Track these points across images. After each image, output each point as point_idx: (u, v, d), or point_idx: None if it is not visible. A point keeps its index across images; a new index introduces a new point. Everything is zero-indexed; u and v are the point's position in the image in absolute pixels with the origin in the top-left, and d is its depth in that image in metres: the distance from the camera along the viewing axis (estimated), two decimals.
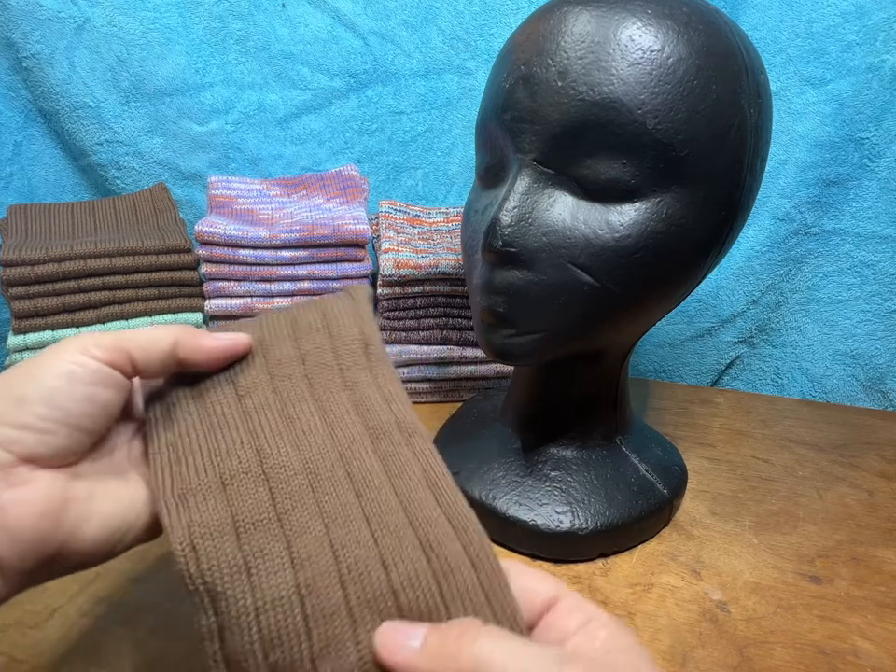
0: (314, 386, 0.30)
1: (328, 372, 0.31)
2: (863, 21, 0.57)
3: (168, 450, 0.28)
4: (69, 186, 0.72)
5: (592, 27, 0.33)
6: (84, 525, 0.25)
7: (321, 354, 0.31)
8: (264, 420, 0.28)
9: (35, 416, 0.24)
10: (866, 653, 0.35)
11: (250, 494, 0.25)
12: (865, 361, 0.65)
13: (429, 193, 0.76)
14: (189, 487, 0.26)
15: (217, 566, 0.23)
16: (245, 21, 0.69)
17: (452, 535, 0.24)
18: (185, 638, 0.34)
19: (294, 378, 0.30)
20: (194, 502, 0.25)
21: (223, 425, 0.28)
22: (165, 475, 0.26)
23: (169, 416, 0.29)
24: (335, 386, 0.30)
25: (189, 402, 0.29)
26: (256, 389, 0.30)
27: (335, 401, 0.30)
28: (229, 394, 0.30)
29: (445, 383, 0.61)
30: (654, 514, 0.43)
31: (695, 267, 0.37)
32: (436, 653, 0.20)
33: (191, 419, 0.29)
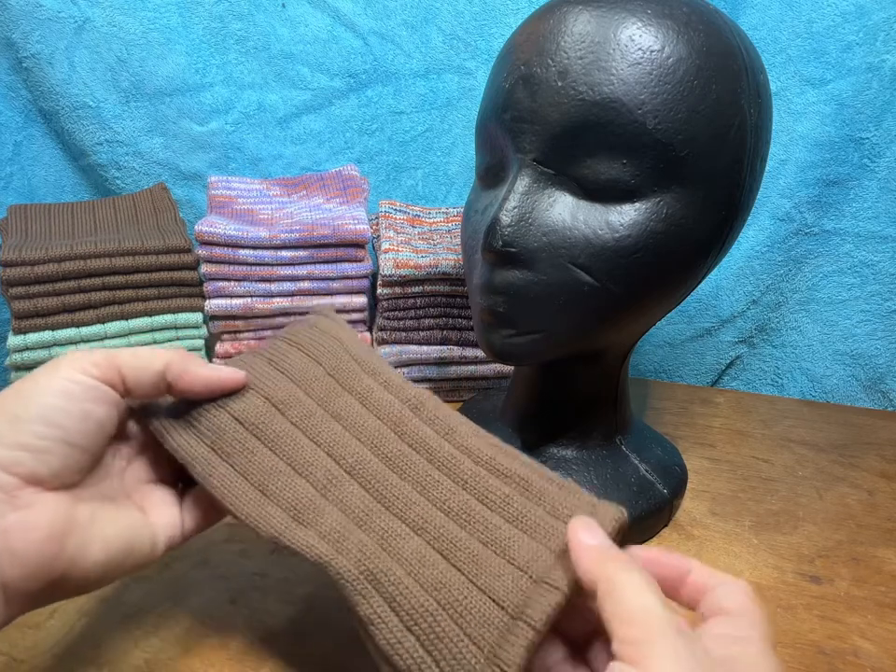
0: (340, 380, 0.32)
1: (347, 364, 0.32)
2: (863, 21, 0.57)
3: (244, 479, 0.28)
4: (69, 186, 0.72)
5: (592, 27, 0.33)
6: (87, 549, 0.25)
7: (334, 353, 0.33)
8: (317, 425, 0.30)
9: (32, 435, 0.24)
10: (866, 653, 0.35)
11: (348, 494, 0.28)
12: (865, 361, 0.65)
13: (429, 193, 0.76)
14: (295, 506, 0.27)
15: (360, 562, 0.25)
16: (245, 21, 0.69)
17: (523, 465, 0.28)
18: (185, 638, 0.34)
19: (320, 379, 0.32)
20: (312, 516, 0.27)
21: (285, 442, 0.29)
22: (262, 505, 0.27)
23: (218, 449, 0.29)
24: (360, 374, 0.32)
25: (231, 428, 0.29)
26: (291, 400, 0.30)
27: (366, 386, 0.32)
28: (269, 411, 0.30)
29: (445, 383, 0.61)
30: (654, 514, 0.43)
31: (695, 267, 0.37)
32: (594, 555, 0.23)
33: (249, 444, 0.29)
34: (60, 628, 0.35)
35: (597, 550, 0.23)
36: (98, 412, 0.26)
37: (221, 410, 0.30)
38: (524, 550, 0.25)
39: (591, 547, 0.23)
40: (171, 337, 0.57)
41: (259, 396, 0.30)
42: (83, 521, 0.25)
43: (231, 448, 0.29)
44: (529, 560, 0.25)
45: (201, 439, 0.29)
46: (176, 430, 0.29)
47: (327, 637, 0.35)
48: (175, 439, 0.29)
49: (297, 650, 0.34)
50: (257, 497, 0.27)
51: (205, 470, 0.28)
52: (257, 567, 0.39)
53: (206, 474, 0.28)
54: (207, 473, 0.28)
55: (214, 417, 0.30)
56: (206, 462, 0.28)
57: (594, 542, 0.23)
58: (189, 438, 0.29)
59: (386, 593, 0.24)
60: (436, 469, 0.28)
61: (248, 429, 0.29)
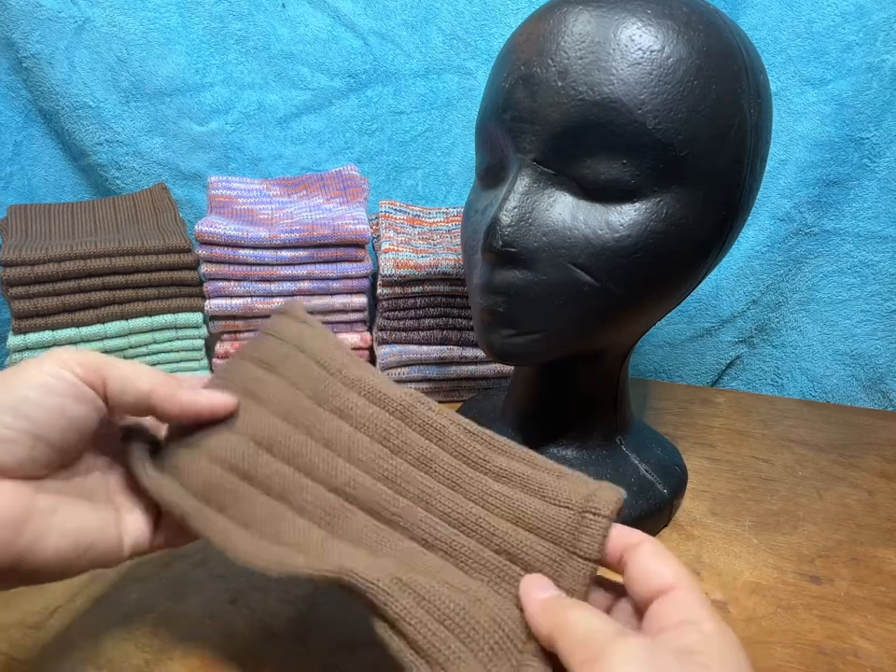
0: (322, 402, 0.31)
1: (324, 382, 0.31)
2: (863, 21, 0.57)
3: (245, 530, 0.27)
4: (69, 186, 0.72)
5: (592, 27, 0.33)
6: (43, 539, 0.25)
7: (308, 371, 0.32)
8: (308, 457, 0.29)
9: (2, 425, 0.24)
10: (866, 653, 0.35)
11: (355, 524, 0.27)
12: (865, 361, 0.65)
13: (429, 193, 0.76)
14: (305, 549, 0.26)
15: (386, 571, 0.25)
16: (245, 21, 0.69)
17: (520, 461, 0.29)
18: (185, 638, 0.34)
19: (301, 404, 0.31)
20: (337, 552, 0.26)
21: (279, 484, 0.28)
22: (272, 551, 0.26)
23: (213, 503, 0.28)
24: (340, 389, 0.31)
25: (222, 478, 0.28)
26: (277, 436, 0.30)
27: (350, 402, 0.30)
28: (256, 453, 0.29)
29: (445, 383, 0.61)
30: (654, 514, 0.43)
31: (695, 267, 0.37)
32: (545, 609, 0.24)
33: (243, 491, 0.28)
34: (60, 628, 0.35)
35: (547, 602, 0.24)
36: (74, 409, 0.26)
37: (210, 459, 0.29)
38: (533, 552, 0.26)
39: (542, 601, 0.24)
40: (171, 337, 0.57)
41: (245, 437, 0.29)
42: (43, 510, 0.25)
43: (225, 499, 0.28)
44: (536, 561, 0.26)
45: (189, 491, 0.28)
46: (166, 486, 0.28)
47: (327, 637, 0.35)
48: (166, 496, 0.28)
49: (297, 650, 0.34)
50: (262, 544, 0.27)
51: (203, 526, 0.27)
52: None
53: (205, 529, 0.27)
54: (205, 528, 0.27)
55: (203, 468, 0.28)
56: (202, 517, 0.28)
57: (544, 596, 0.24)
58: (181, 493, 0.28)
59: (415, 593, 0.24)
60: (436, 481, 0.28)
61: (240, 476, 0.28)
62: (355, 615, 0.36)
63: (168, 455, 0.29)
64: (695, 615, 0.22)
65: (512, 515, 0.27)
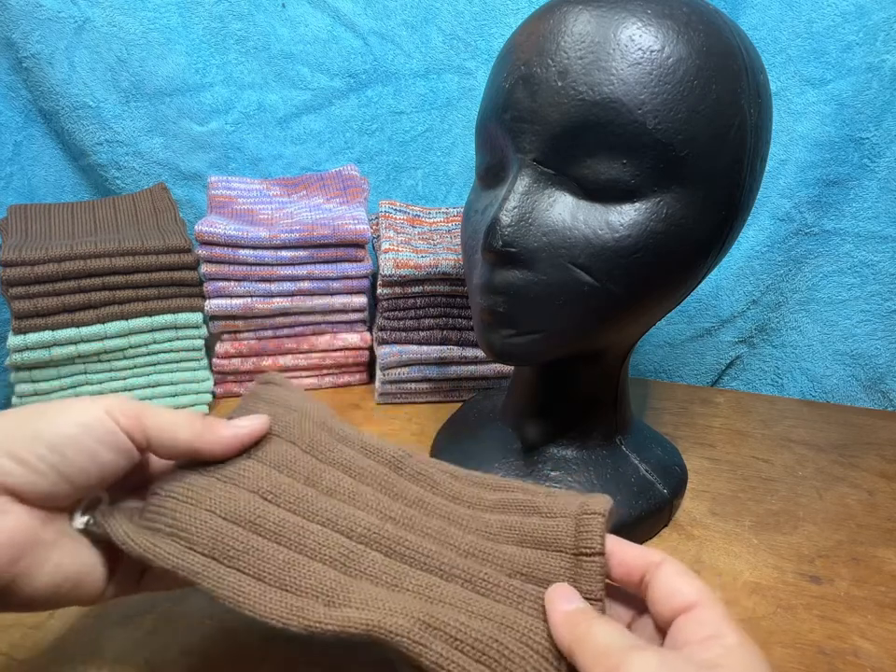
0: (319, 456, 0.31)
1: (319, 437, 0.32)
2: (863, 21, 0.57)
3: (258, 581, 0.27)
4: (69, 186, 0.72)
5: (592, 27, 0.33)
6: (39, 568, 0.25)
7: (301, 428, 0.32)
8: (313, 505, 0.29)
9: (36, 456, 0.25)
10: (866, 653, 0.35)
11: (371, 563, 0.27)
12: (865, 361, 0.65)
13: (429, 193, 0.76)
14: (322, 591, 0.26)
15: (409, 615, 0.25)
16: (245, 21, 0.69)
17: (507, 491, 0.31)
18: (185, 638, 0.34)
19: (299, 459, 0.31)
20: (344, 596, 0.26)
21: (288, 531, 0.28)
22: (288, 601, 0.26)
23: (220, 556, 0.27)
24: (335, 444, 0.32)
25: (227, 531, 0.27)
26: (279, 488, 0.29)
27: (346, 456, 0.31)
28: (260, 504, 0.29)
29: (445, 383, 0.61)
30: (654, 514, 0.43)
31: (695, 267, 0.37)
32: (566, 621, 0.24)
33: (251, 543, 0.27)
34: (60, 628, 0.35)
35: (570, 615, 0.24)
36: (107, 456, 0.27)
37: (210, 514, 0.28)
38: (544, 567, 0.27)
39: (565, 612, 0.24)
40: (171, 337, 0.57)
41: (245, 490, 0.29)
42: (45, 542, 0.26)
43: (233, 552, 0.27)
44: (550, 574, 0.27)
45: (194, 549, 0.27)
46: (165, 548, 0.27)
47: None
48: (168, 558, 0.27)
49: (297, 650, 0.34)
50: (279, 596, 0.26)
51: (215, 584, 0.26)
52: None
53: (216, 587, 0.26)
54: (217, 586, 0.26)
55: (204, 523, 0.27)
56: (211, 573, 0.26)
57: (568, 608, 0.25)
58: (184, 553, 0.27)
59: (446, 635, 0.24)
60: (437, 519, 0.29)
61: (246, 528, 0.28)
62: None
63: (162, 515, 0.28)
64: (718, 630, 0.22)
65: (516, 538, 0.28)
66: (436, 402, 0.62)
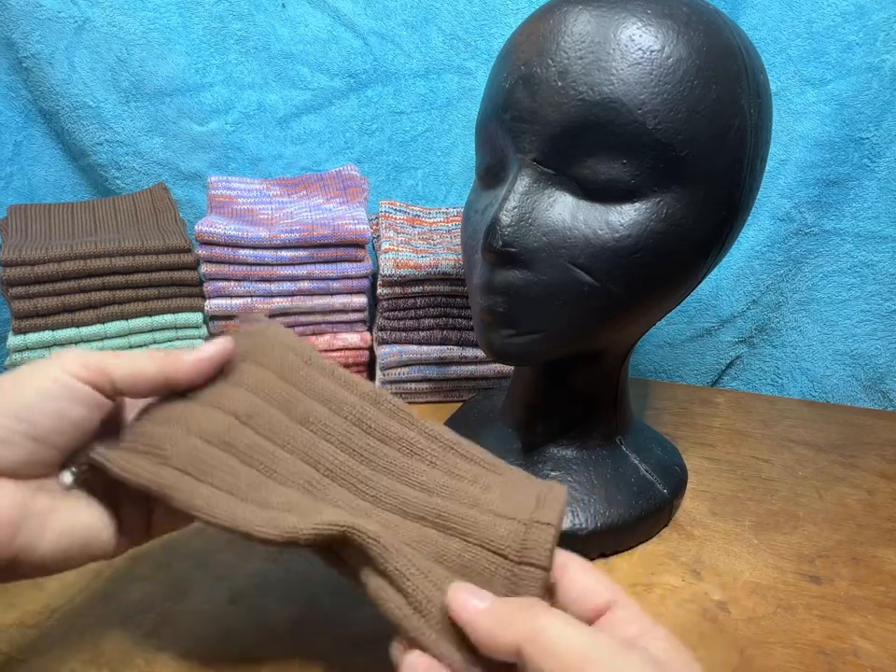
0: (297, 384, 0.32)
1: (298, 367, 0.32)
2: (863, 21, 0.57)
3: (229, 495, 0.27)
4: (69, 186, 0.72)
5: (592, 27, 0.33)
6: (40, 538, 0.25)
7: (283, 358, 0.32)
8: (286, 433, 0.30)
9: (3, 429, 0.25)
10: (866, 653, 0.35)
11: (333, 496, 0.28)
12: (865, 361, 0.65)
13: (429, 193, 0.76)
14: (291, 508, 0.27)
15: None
16: (245, 21, 0.69)
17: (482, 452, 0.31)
18: (185, 638, 0.34)
19: (276, 386, 0.31)
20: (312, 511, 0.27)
21: (260, 454, 0.29)
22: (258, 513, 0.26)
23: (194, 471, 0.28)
24: (314, 375, 0.32)
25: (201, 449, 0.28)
26: (255, 411, 0.30)
27: (323, 386, 0.32)
28: (235, 426, 0.29)
29: (445, 383, 0.61)
30: (654, 514, 0.43)
31: (695, 267, 0.37)
32: (498, 616, 0.22)
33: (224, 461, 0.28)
34: (60, 628, 0.35)
35: (501, 612, 0.23)
36: (75, 412, 0.27)
37: (186, 433, 0.28)
38: (505, 506, 0.27)
39: (485, 611, 0.23)
40: (171, 337, 0.57)
41: (222, 412, 0.29)
42: (40, 511, 0.26)
43: (206, 467, 0.27)
44: (514, 511, 0.27)
45: (168, 464, 0.27)
46: (139, 464, 0.27)
47: (327, 636, 0.35)
48: (141, 474, 0.27)
49: (297, 650, 0.34)
50: (250, 508, 0.26)
51: (187, 496, 0.27)
52: (257, 567, 0.39)
53: (188, 499, 0.27)
54: (189, 498, 0.27)
55: (179, 441, 0.28)
56: (184, 486, 0.27)
57: (484, 606, 0.23)
58: (157, 468, 0.27)
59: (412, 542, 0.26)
60: (407, 456, 0.30)
61: (220, 448, 0.28)
62: (355, 615, 0.36)
63: (139, 436, 0.29)
64: (645, 626, 0.23)
65: (480, 484, 0.29)
66: (436, 402, 0.62)
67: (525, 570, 0.25)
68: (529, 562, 0.25)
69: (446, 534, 0.26)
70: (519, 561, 0.25)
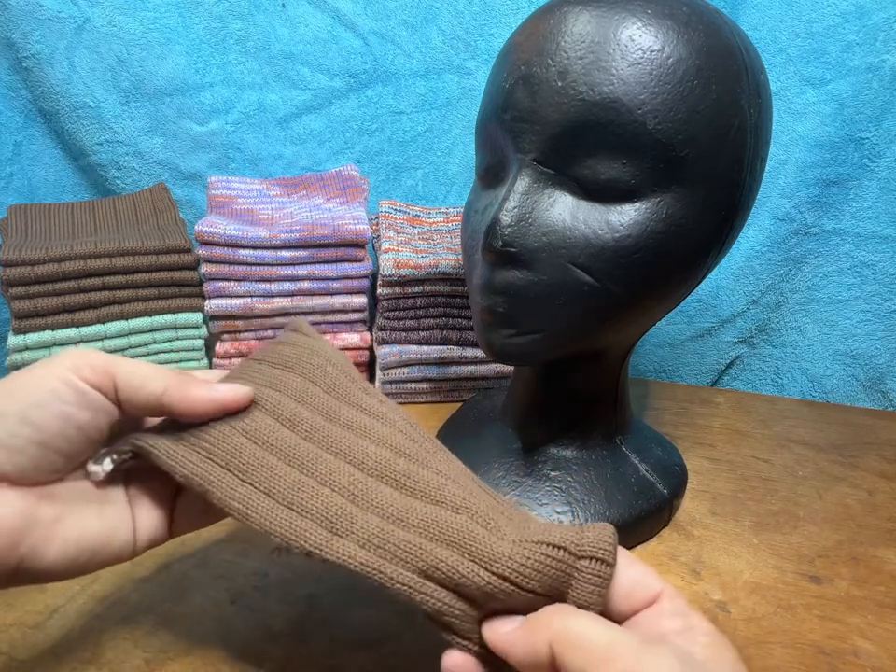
0: (339, 396, 0.31)
1: (340, 381, 0.32)
2: (863, 21, 0.57)
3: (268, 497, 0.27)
4: (69, 186, 0.72)
5: (592, 27, 0.33)
6: (44, 548, 0.25)
7: (324, 370, 0.32)
8: (329, 435, 0.29)
9: (7, 433, 0.24)
10: (866, 653, 0.35)
11: (379, 496, 0.27)
12: (865, 361, 0.65)
13: (429, 193, 0.76)
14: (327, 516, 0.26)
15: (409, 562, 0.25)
16: (245, 21, 0.69)
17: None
18: (185, 638, 0.34)
19: (319, 396, 0.31)
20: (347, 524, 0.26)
21: (302, 455, 0.28)
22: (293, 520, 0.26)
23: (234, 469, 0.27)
24: (355, 390, 0.32)
25: (244, 446, 0.28)
26: (297, 417, 0.30)
27: (365, 401, 0.31)
28: (278, 428, 0.29)
29: (445, 383, 0.61)
30: (654, 514, 0.43)
31: (695, 267, 0.37)
32: (529, 626, 0.22)
33: (265, 461, 0.28)
34: (60, 628, 0.35)
35: (527, 624, 0.23)
36: (81, 416, 0.25)
37: (231, 428, 0.28)
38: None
39: (516, 629, 0.23)
40: (171, 337, 0.57)
41: (266, 414, 0.29)
42: (46, 520, 0.25)
43: (247, 466, 0.27)
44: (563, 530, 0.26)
45: (212, 460, 0.28)
46: (185, 455, 0.28)
47: (327, 637, 0.35)
48: (187, 465, 0.27)
49: (297, 650, 0.34)
50: (285, 514, 0.26)
51: (225, 494, 0.27)
52: (257, 567, 0.39)
53: (227, 497, 0.27)
54: (227, 496, 0.27)
55: (223, 437, 0.28)
56: (224, 484, 0.27)
57: (514, 626, 0.23)
58: (200, 461, 0.27)
59: (449, 582, 0.24)
60: (452, 463, 0.29)
61: (262, 446, 0.28)
62: (355, 615, 0.36)
63: (185, 428, 0.28)
64: (691, 621, 0.22)
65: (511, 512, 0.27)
66: (436, 402, 0.62)
67: (584, 564, 0.23)
68: (590, 555, 0.24)
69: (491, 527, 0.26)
70: (579, 555, 0.24)
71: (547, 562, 0.23)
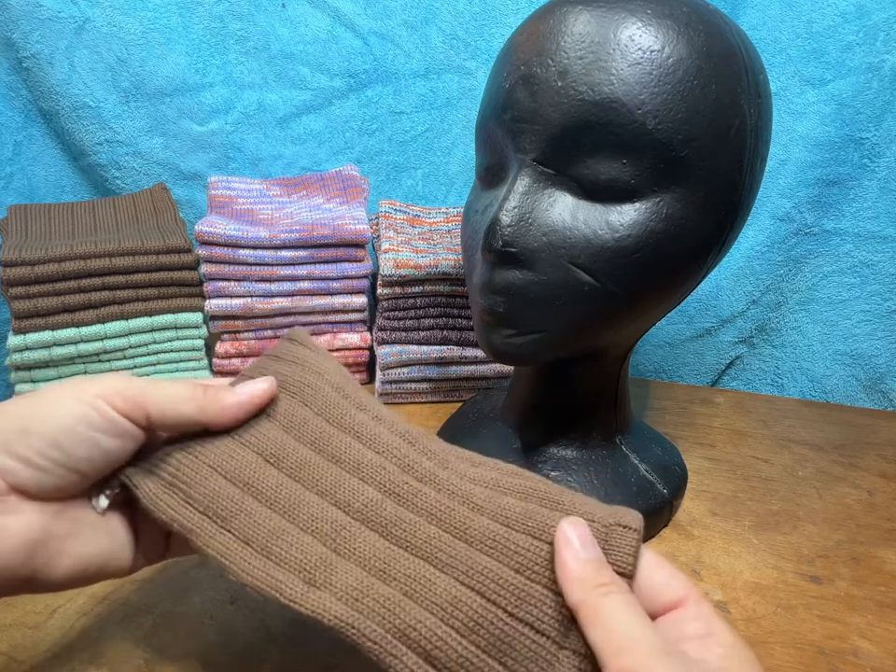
0: (331, 419, 0.30)
1: (334, 400, 0.31)
2: (863, 21, 0.57)
3: (245, 545, 0.26)
4: (69, 186, 0.72)
5: (592, 27, 0.33)
6: (56, 562, 0.25)
7: (317, 389, 0.31)
8: (315, 473, 0.28)
9: (35, 453, 0.24)
10: (866, 653, 0.35)
11: (362, 543, 0.26)
12: (865, 361, 0.65)
13: (429, 193, 0.76)
14: (305, 567, 0.25)
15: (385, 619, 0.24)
16: (245, 21, 0.69)
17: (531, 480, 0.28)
18: (185, 638, 0.34)
19: (309, 421, 0.30)
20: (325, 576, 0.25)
21: (284, 498, 0.27)
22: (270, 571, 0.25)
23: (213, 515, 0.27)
24: (349, 409, 0.31)
25: (224, 490, 0.27)
26: (284, 451, 0.29)
27: (358, 421, 0.30)
28: (261, 466, 0.28)
29: (445, 383, 0.61)
30: (654, 514, 0.43)
31: (695, 267, 0.37)
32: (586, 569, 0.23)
33: (245, 505, 0.27)
34: (60, 628, 0.35)
35: (583, 568, 0.23)
36: (109, 443, 0.26)
37: (211, 470, 0.28)
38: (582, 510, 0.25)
39: (580, 562, 0.23)
40: (171, 337, 0.57)
41: (250, 450, 0.29)
42: (59, 535, 0.25)
43: (226, 512, 0.27)
44: (592, 513, 0.25)
45: (191, 504, 0.27)
46: (166, 500, 0.27)
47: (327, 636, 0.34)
48: (167, 511, 0.27)
49: (297, 650, 0.34)
50: (262, 564, 0.26)
51: (203, 542, 0.26)
52: None
53: (205, 545, 0.26)
54: (205, 545, 0.26)
55: (204, 480, 0.28)
56: (203, 532, 0.27)
57: (585, 557, 0.23)
58: (179, 506, 0.27)
59: (420, 648, 0.23)
60: (447, 497, 0.27)
61: (242, 489, 0.28)
62: None
63: (168, 466, 0.28)
64: (712, 627, 0.22)
65: (531, 528, 0.25)
66: (436, 402, 0.62)
67: (564, 655, 0.23)
68: (570, 649, 0.23)
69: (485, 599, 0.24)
70: (561, 645, 0.23)
71: None
